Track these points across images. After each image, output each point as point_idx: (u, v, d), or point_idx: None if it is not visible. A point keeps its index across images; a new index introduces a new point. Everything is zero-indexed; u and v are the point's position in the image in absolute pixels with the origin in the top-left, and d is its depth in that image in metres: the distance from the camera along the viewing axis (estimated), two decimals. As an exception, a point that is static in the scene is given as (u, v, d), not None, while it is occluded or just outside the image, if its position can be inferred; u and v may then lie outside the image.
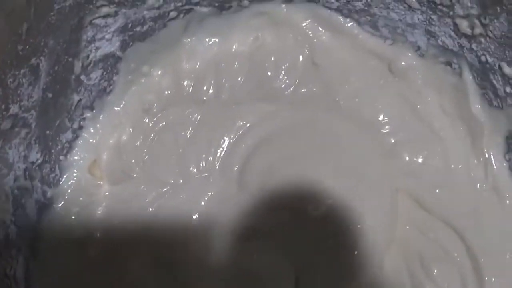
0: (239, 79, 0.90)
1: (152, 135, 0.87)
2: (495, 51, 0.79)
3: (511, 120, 0.81)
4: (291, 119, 0.87)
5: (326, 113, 0.88)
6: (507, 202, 0.82)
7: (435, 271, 0.79)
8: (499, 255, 0.80)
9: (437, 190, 0.83)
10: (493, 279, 0.78)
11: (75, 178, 0.86)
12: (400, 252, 0.82)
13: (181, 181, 0.86)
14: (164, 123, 0.88)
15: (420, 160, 0.85)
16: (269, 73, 0.89)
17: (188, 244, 0.83)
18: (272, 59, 0.90)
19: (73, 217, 0.84)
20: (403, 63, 0.88)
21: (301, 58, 0.90)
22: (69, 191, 0.85)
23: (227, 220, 0.83)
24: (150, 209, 0.85)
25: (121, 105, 0.89)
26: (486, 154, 0.83)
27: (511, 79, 0.78)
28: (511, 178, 0.83)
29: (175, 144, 0.87)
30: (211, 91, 0.89)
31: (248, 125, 0.87)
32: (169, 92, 0.89)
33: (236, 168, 0.85)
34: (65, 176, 0.86)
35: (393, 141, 0.87)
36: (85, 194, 0.85)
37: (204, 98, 0.90)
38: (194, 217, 0.83)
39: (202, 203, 0.84)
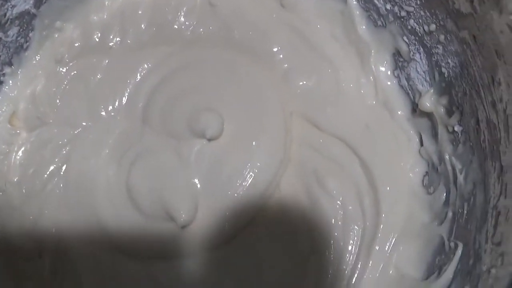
0: (142, 25, 0.81)
1: (64, 83, 0.79)
2: (372, -31, 0.70)
3: (395, 36, 0.72)
4: (190, 57, 0.78)
5: (222, 49, 0.78)
6: (399, 112, 0.72)
7: (331, 185, 0.69)
8: (391, 165, 0.70)
9: (329, 109, 0.73)
10: (387, 188, 0.68)
11: (-3, 131, 0.77)
12: (296, 171, 0.72)
13: (91, 123, 0.77)
14: (75, 72, 0.79)
15: (311, 83, 0.75)
16: (169, 17, 0.80)
17: (99, 180, 0.74)
18: (172, 3, 0.81)
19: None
20: (293, -4, 0.77)
21: (198, 1, 0.81)
22: (-9, 142, 0.77)
23: (132, 155, 0.73)
24: (64, 151, 0.76)
25: (37, 59, 0.81)
26: (375, 72, 0.74)
27: (389, -6, 0.70)
28: (400, 92, 0.73)
29: (85, 90, 0.78)
30: (117, 38, 0.80)
31: (150, 65, 0.78)
32: (79, 43, 0.81)
33: (140, 106, 0.76)
34: (-13, 129, 0.78)
35: (285, 66, 0.77)
36: (6, 143, 0.78)
37: (111, 44, 0.81)
38: (103, 153, 0.75)
39: (110, 140, 0.75)
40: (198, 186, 0.70)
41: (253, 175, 0.70)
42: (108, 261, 0.71)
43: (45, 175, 0.75)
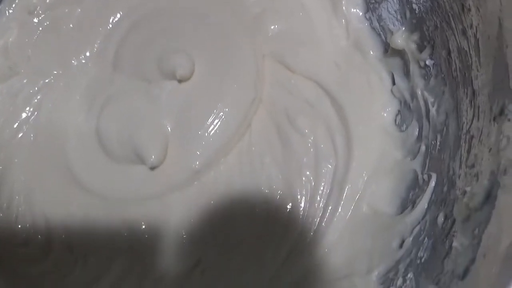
0: (114, -24, 0.75)
1: (37, 34, 0.74)
2: None
3: (367, -23, 0.67)
4: (161, 4, 0.73)
5: (193, -4, 0.73)
6: (371, 53, 0.67)
7: (302, 124, 0.64)
8: (363, 104, 0.65)
9: (300, 51, 0.68)
10: (359, 126, 0.63)
11: (-33, 84, 0.71)
12: (267, 111, 0.67)
13: (61, 71, 0.72)
14: (47, 23, 0.74)
15: (283, 26, 0.70)
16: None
17: (69, 126, 0.70)
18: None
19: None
20: None
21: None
22: (-38, 93, 0.72)
23: (103, 100, 0.69)
24: (35, 100, 0.70)
25: (10, 12, 0.75)
26: (347, 15, 0.69)
27: None
28: (371, 34, 0.69)
29: (57, 39, 0.73)
30: (89, -11, 0.75)
31: (122, 14, 0.73)
32: (52, -5, 0.75)
33: (111, 52, 0.71)
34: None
35: (257, 10, 0.71)
36: None
37: (83, -6, 0.75)
38: (73, 99, 0.69)
39: (81, 87, 0.70)
40: (168, 127, 0.65)
41: (223, 114, 0.64)
42: (78, 205, 0.66)
43: (16, 124, 0.70)
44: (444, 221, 0.52)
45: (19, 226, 0.68)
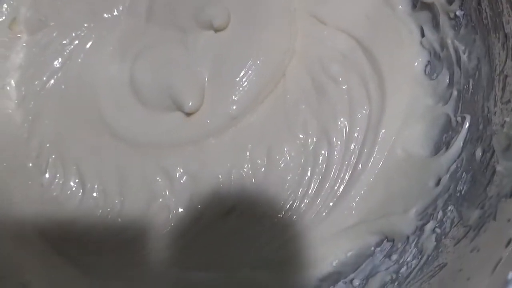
0: None
1: None
2: None
3: None
4: None
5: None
6: (400, 7, 0.67)
7: (336, 72, 0.65)
8: (394, 54, 0.65)
9: (331, 4, 0.68)
10: (391, 74, 0.64)
11: (-3, 35, 0.71)
12: (301, 61, 0.67)
13: (93, 24, 0.71)
14: None
15: None
16: None
17: (101, 76, 0.69)
18: None
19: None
20: None
21: None
22: (-9, 46, 0.71)
23: (137, 50, 0.68)
24: (66, 51, 0.69)
25: None
26: None
27: None
28: None
29: None
30: None
31: None
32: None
33: (143, 6, 0.70)
34: (-12, 34, 0.71)
35: None
36: (5, 47, 0.70)
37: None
38: (106, 50, 0.69)
39: (114, 38, 0.69)
40: (205, 74, 0.65)
41: (259, 63, 0.65)
42: (111, 153, 0.65)
43: (45, 75, 0.69)
44: (482, 155, 0.54)
45: (47, 175, 0.67)
